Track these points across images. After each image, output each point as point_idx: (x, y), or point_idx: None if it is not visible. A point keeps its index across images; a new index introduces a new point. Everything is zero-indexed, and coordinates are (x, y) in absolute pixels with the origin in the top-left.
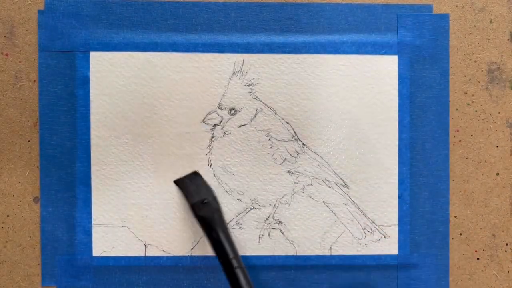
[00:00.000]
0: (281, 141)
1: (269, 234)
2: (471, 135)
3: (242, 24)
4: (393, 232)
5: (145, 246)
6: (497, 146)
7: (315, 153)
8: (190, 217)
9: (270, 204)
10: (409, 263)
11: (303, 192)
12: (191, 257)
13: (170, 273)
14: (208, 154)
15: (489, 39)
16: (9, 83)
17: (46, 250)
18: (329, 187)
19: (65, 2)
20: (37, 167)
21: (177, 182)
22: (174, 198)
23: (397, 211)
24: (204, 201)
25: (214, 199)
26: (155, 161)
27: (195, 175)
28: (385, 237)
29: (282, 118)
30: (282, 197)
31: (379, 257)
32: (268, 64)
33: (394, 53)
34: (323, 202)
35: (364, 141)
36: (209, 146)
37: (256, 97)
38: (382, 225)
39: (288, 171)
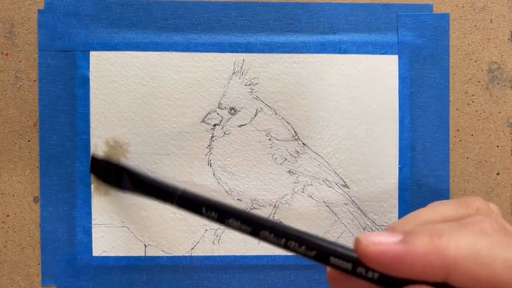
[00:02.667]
0: (281, 141)
1: None
2: (472, 135)
3: (242, 23)
4: None
5: (145, 246)
6: (498, 146)
7: (316, 153)
8: (190, 217)
9: (270, 204)
10: None
11: (303, 192)
12: (191, 257)
13: (170, 273)
14: (208, 154)
15: (489, 39)
16: (9, 83)
17: (46, 250)
18: (330, 187)
19: (65, 1)
20: (37, 167)
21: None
22: None
23: (398, 211)
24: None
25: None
26: (155, 161)
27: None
28: None
29: (282, 118)
30: (282, 197)
31: None
32: (268, 64)
33: (394, 53)
34: (324, 202)
35: (364, 141)
36: (209, 146)
37: (256, 96)
38: (383, 225)
39: (289, 171)
